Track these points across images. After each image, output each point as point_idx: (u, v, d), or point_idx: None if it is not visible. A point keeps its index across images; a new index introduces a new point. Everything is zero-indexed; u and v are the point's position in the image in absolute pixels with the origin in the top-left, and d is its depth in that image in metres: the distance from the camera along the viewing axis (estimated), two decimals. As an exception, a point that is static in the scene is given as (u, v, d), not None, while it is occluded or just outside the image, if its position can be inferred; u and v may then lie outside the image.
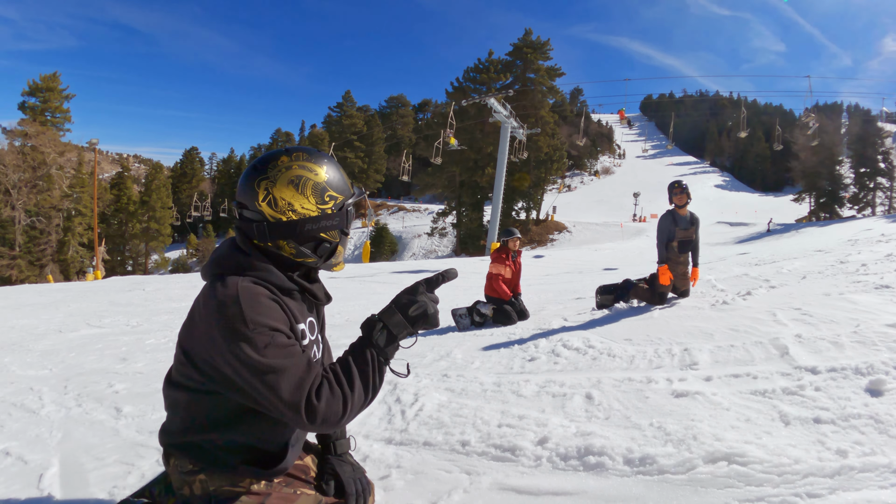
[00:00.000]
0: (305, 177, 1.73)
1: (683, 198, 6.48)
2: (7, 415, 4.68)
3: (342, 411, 1.59)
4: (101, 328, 10.75)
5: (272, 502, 1.78)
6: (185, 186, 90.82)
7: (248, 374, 1.55)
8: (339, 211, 1.81)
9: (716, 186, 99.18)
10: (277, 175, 1.71)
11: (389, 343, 1.68)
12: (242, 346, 1.54)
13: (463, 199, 59.85)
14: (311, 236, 1.77)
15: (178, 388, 1.78)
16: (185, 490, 1.81)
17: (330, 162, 1.82)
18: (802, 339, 4.06)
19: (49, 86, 54.93)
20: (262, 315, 1.59)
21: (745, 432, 2.63)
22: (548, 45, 58.74)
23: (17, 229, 49.37)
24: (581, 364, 4.25)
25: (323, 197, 1.76)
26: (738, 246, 27.62)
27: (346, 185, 1.85)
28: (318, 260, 1.83)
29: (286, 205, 1.72)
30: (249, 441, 1.79)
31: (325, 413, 1.56)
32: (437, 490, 2.45)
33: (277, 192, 1.71)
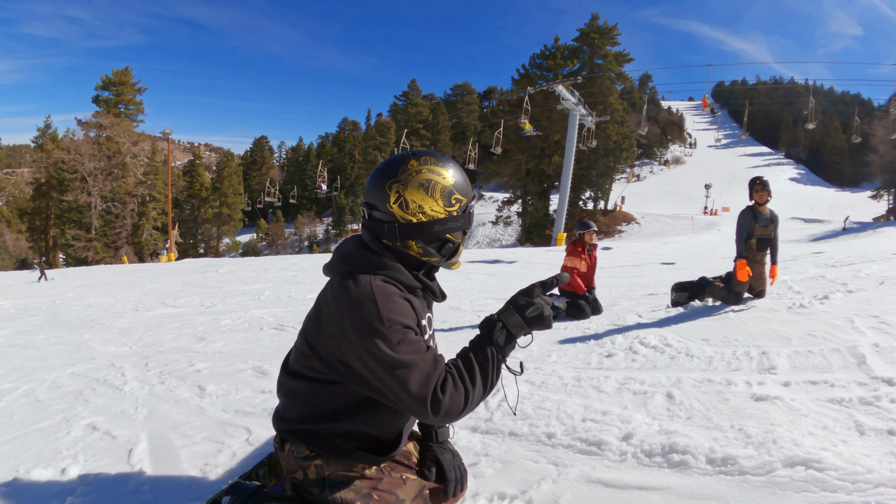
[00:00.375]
0: (434, 180, 1.81)
1: (764, 195, 6.31)
2: (91, 390, 4.88)
3: (463, 405, 1.67)
4: (177, 308, 11.15)
5: (384, 486, 1.86)
6: (255, 174, 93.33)
7: (379, 369, 1.63)
8: (463, 213, 1.89)
9: (790, 179, 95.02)
10: (408, 179, 1.79)
11: (508, 342, 1.75)
12: (377, 343, 1.62)
13: (529, 187, 59.18)
14: (437, 237, 1.85)
15: (298, 377, 1.87)
16: (297, 474, 1.89)
17: (455, 166, 1.89)
18: (880, 348, 3.95)
19: (121, 80, 57.24)
20: (395, 313, 1.67)
21: (822, 439, 2.61)
22: (615, 30, 57.27)
23: (93, 214, 51.87)
24: (659, 363, 4.22)
25: (450, 200, 1.83)
26: (813, 244, 26.56)
27: (468, 187, 1.91)
28: (441, 259, 1.92)
29: (416, 207, 1.79)
30: (366, 430, 1.88)
31: (449, 406, 1.64)
32: (526, 479, 2.49)
33: (408, 195, 1.78)
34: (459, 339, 6.03)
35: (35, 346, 7.54)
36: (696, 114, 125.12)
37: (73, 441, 3.52)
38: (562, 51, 57.58)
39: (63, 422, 3.96)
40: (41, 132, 61.78)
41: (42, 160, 54.78)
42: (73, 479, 2.91)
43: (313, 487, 1.85)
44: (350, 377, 1.74)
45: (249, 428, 3.51)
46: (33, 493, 2.77)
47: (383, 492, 1.85)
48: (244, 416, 3.80)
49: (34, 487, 2.85)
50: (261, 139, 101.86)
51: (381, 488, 1.86)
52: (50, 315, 11.19)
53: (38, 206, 56.67)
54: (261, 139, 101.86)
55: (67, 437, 3.61)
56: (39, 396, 4.76)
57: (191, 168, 71.60)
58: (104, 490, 2.78)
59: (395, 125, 78.48)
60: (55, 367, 5.95)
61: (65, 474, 2.97)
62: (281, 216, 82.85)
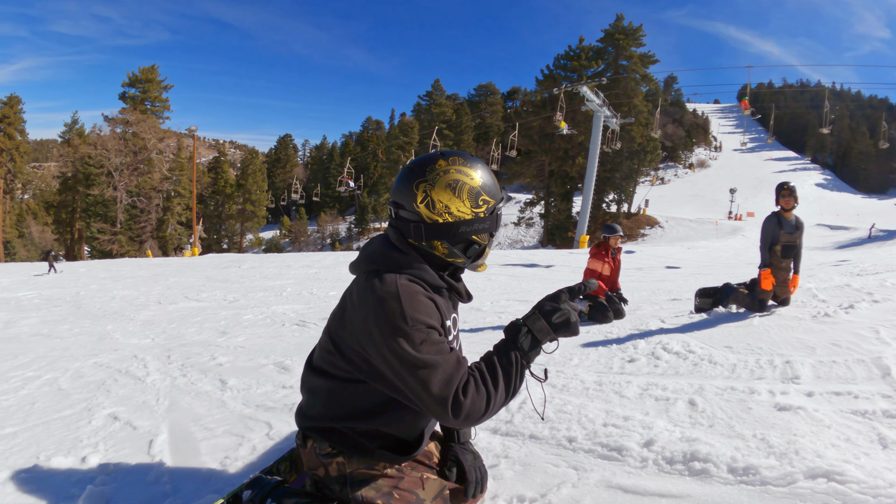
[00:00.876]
0: (462, 181, 1.80)
1: (791, 201, 6.23)
2: (113, 380, 4.93)
3: (485, 408, 1.65)
4: (199, 301, 11.27)
5: (405, 486, 1.86)
6: (280, 171, 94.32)
7: (401, 368, 1.63)
8: (490, 215, 1.87)
9: (816, 185, 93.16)
10: (436, 178, 1.78)
11: (533, 347, 1.73)
12: (400, 342, 1.61)
13: (552, 188, 58.96)
14: (463, 238, 1.84)
15: (322, 374, 1.88)
16: (319, 471, 1.90)
17: (483, 167, 1.87)
18: (905, 361, 3.88)
19: (148, 77, 58.25)
20: (420, 312, 1.66)
21: (844, 451, 2.58)
22: (640, 31, 56.89)
23: (118, 208, 52.76)
24: (682, 369, 4.19)
25: (477, 201, 1.82)
26: (838, 252, 26.24)
27: (497, 189, 1.90)
28: (466, 261, 1.90)
29: (443, 207, 1.79)
30: (388, 430, 1.87)
31: (470, 409, 1.62)
32: (546, 483, 2.48)
33: (435, 195, 1.78)
34: (480, 339, 6.03)
35: (59, 336, 7.65)
36: (722, 116, 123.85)
37: (94, 430, 3.55)
38: (586, 51, 57.28)
39: (85, 411, 3.99)
40: (68, 127, 62.87)
41: (69, 155, 55.77)
42: (94, 468, 2.93)
43: (334, 484, 1.86)
44: (372, 375, 1.74)
45: (270, 423, 3.53)
46: (53, 480, 2.80)
47: (404, 491, 1.85)
48: (265, 411, 3.81)
49: (54, 474, 2.87)
50: (285, 137, 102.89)
51: (402, 487, 1.86)
52: (74, 306, 11.35)
53: (65, 199, 57.65)
54: (285, 137, 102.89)
55: (89, 426, 3.64)
56: (62, 385, 4.81)
57: (216, 165, 72.45)
58: (124, 479, 2.80)
59: (419, 125, 78.62)
60: (78, 357, 6.03)
61: (85, 462, 2.99)
62: (304, 214, 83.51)
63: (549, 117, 51.04)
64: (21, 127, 56.45)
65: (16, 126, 55.58)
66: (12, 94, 56.09)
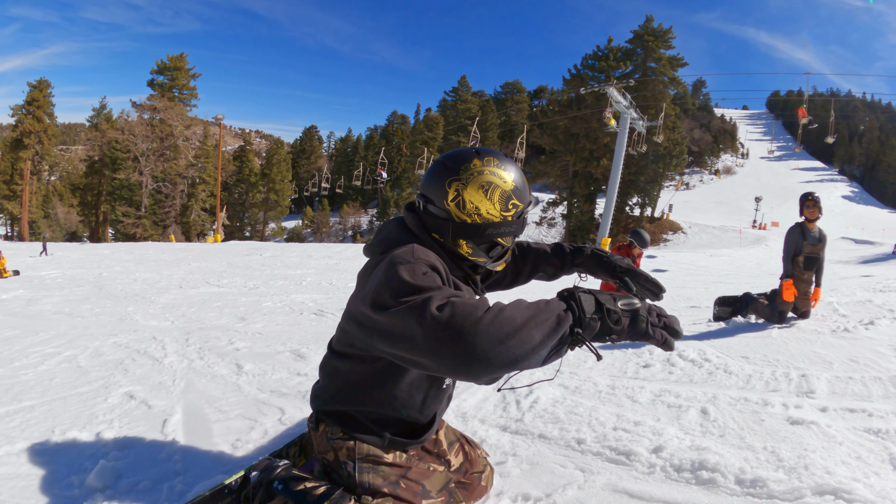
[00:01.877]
0: (495, 183, 1.78)
1: (815, 212, 6.16)
2: (131, 360, 5.01)
3: (481, 318, 1.33)
4: (220, 287, 11.37)
5: (412, 476, 1.88)
6: (304, 162, 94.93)
7: (382, 291, 1.51)
8: (518, 219, 1.85)
9: (843, 197, 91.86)
10: (469, 178, 1.77)
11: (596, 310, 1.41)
12: (399, 269, 1.54)
13: (576, 189, 58.45)
14: (488, 239, 1.82)
15: (340, 356, 1.89)
16: (329, 455, 1.91)
17: (516, 169, 1.86)
18: (922, 381, 3.83)
19: (176, 65, 58.85)
20: (429, 258, 1.66)
21: (854, 469, 2.54)
22: (670, 33, 56.02)
23: (143, 192, 53.44)
24: (696, 377, 4.16)
25: (507, 204, 1.80)
26: (862, 267, 25.83)
27: (526, 192, 1.87)
28: (488, 261, 1.90)
29: (473, 208, 1.77)
30: (401, 415, 1.89)
31: (454, 317, 1.34)
32: (552, 483, 2.48)
33: (467, 195, 1.77)
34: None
35: (80, 315, 7.76)
36: (750, 123, 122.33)
37: (110, 407, 3.62)
38: (615, 52, 56.68)
39: (102, 388, 4.06)
40: (96, 112, 63.59)
41: (96, 139, 56.57)
42: (108, 443, 2.99)
43: (343, 470, 1.87)
44: (375, 329, 1.53)
45: (283, 408, 3.57)
46: (68, 453, 2.86)
47: (411, 481, 1.86)
48: (279, 397, 3.86)
49: (69, 448, 2.94)
50: (311, 128, 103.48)
51: (410, 477, 1.87)
52: (97, 286, 11.51)
53: (91, 182, 58.46)
54: (311, 128, 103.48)
55: (105, 403, 3.71)
56: (81, 363, 4.89)
57: (241, 153, 73.09)
58: (136, 456, 2.85)
59: (444, 121, 78.65)
60: (98, 336, 6.12)
61: (99, 438, 3.05)
62: (327, 205, 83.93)
63: (576, 117, 50.77)
64: (50, 110, 57.37)
65: (45, 109, 56.49)
66: (41, 79, 57.04)
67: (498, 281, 2.33)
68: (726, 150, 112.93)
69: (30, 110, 55.26)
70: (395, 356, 1.52)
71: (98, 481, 2.51)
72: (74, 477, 2.58)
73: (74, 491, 2.47)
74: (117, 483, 2.55)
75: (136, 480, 2.57)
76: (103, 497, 2.42)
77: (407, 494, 1.82)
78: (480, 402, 3.61)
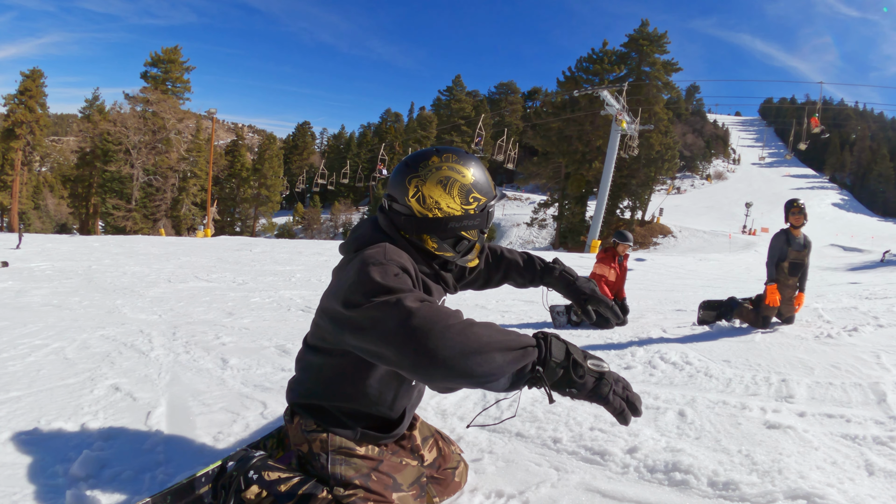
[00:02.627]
0: (453, 178, 1.85)
1: (800, 218, 6.24)
2: (118, 353, 5.04)
3: (450, 326, 1.36)
4: (209, 282, 11.36)
5: (384, 469, 1.91)
6: (296, 158, 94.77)
7: (352, 293, 1.55)
8: (480, 212, 1.92)
9: (833, 205, 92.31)
10: (428, 174, 1.84)
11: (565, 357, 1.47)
12: (370, 269, 1.59)
13: (567, 191, 58.41)
14: (452, 233, 1.89)
15: (314, 350, 1.93)
16: (303, 447, 1.95)
17: (477, 165, 1.92)
18: (902, 388, 3.87)
19: (171, 58, 58.57)
20: (400, 259, 1.72)
21: (829, 475, 2.56)
22: (665, 38, 56.00)
23: (134, 185, 53.23)
24: (677, 379, 4.20)
25: (468, 198, 1.87)
26: (850, 274, 25.91)
27: (489, 187, 1.94)
28: (456, 255, 1.97)
29: (433, 202, 1.84)
30: (372, 411, 1.94)
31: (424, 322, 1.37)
32: (526, 480, 2.51)
33: (427, 190, 1.84)
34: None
35: (68, 308, 7.75)
36: (743, 129, 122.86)
37: (95, 399, 3.66)
38: (609, 55, 56.72)
39: (88, 380, 4.10)
40: (89, 103, 63.18)
41: (88, 130, 56.10)
42: (92, 434, 3.03)
43: (316, 461, 1.90)
44: (346, 324, 1.56)
45: (265, 402, 3.61)
46: (53, 443, 2.89)
47: (382, 474, 1.89)
48: (262, 391, 3.89)
49: (54, 438, 2.97)
50: (303, 124, 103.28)
51: (381, 470, 1.90)
52: (86, 279, 11.47)
53: (82, 174, 58.03)
54: (303, 124, 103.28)
55: (91, 394, 3.75)
56: (68, 355, 4.92)
57: (233, 148, 72.76)
58: (120, 446, 2.89)
59: (438, 120, 78.60)
60: (86, 329, 6.14)
61: (84, 429, 3.09)
62: (318, 201, 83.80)
63: (569, 119, 50.84)
64: (42, 101, 56.89)
65: (37, 99, 56.04)
66: (35, 68, 56.58)
67: (470, 282, 2.44)
68: (718, 155, 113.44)
69: (22, 100, 54.78)
70: (360, 349, 1.56)
71: (82, 470, 2.55)
72: (59, 466, 2.61)
73: (59, 480, 2.51)
74: (101, 472, 2.58)
75: (119, 470, 2.60)
76: (87, 486, 2.45)
77: (378, 487, 1.85)
78: (461, 399, 3.65)
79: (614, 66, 55.90)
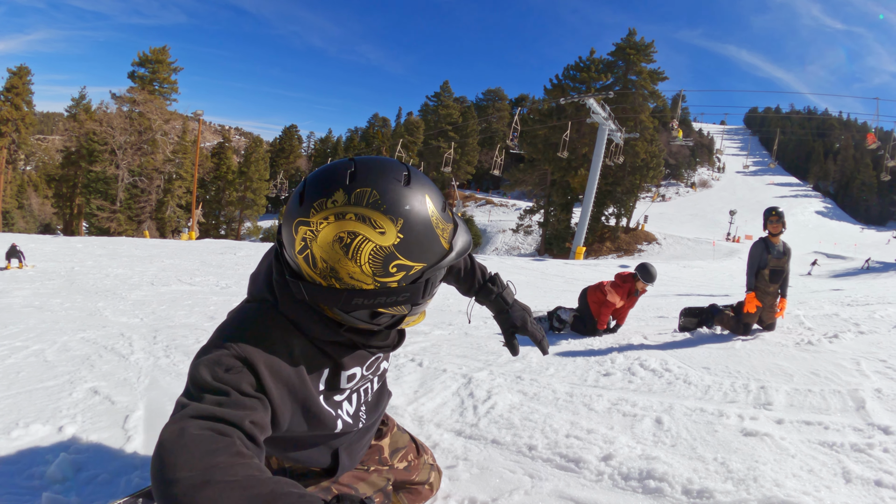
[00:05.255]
0: (362, 236, 1.18)
1: (779, 227, 6.30)
2: (98, 356, 5.01)
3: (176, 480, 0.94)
4: (192, 286, 11.29)
5: (345, 480, 1.79)
6: (283, 161, 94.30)
7: (195, 389, 1.19)
8: (412, 283, 1.28)
9: (816, 213, 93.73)
10: (319, 227, 1.19)
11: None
12: (210, 350, 1.27)
13: (553, 198, 59.00)
14: (361, 308, 1.27)
15: None
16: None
17: (414, 207, 1.22)
18: (882, 394, 3.87)
19: (158, 58, 58.28)
20: (257, 346, 1.28)
21: (805, 482, 2.55)
22: (651, 48, 56.76)
23: (119, 186, 52.81)
24: (655, 386, 4.21)
25: (386, 268, 1.22)
26: (833, 281, 26.25)
27: (437, 241, 1.28)
28: (372, 326, 1.41)
29: (327, 269, 1.23)
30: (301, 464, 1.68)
31: (163, 453, 1.00)
32: (500, 488, 2.50)
33: (318, 251, 1.21)
34: (463, 342, 6.04)
35: (50, 309, 7.70)
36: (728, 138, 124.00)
37: (74, 402, 3.64)
38: (596, 64, 57.20)
39: (67, 383, 4.07)
40: (75, 102, 62.69)
41: (74, 129, 55.69)
42: (69, 437, 3.02)
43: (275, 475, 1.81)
44: None
45: (243, 406, 3.59)
46: (30, 446, 2.90)
47: (342, 485, 1.76)
48: (240, 396, 3.87)
49: (31, 440, 2.97)
50: (290, 128, 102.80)
51: (342, 482, 1.76)
52: (68, 281, 11.39)
53: (67, 173, 57.57)
54: (290, 128, 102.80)
55: (70, 397, 3.73)
56: (48, 357, 4.89)
57: (219, 150, 72.41)
58: (97, 450, 2.88)
59: (425, 125, 78.76)
60: (66, 331, 6.10)
61: (62, 432, 3.08)
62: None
63: (555, 126, 51.08)
64: (28, 98, 56.35)
65: (23, 97, 55.49)
66: (21, 65, 55.96)
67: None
68: (703, 163, 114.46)
69: (8, 97, 54.24)
70: None
71: (58, 473, 2.54)
72: (36, 468, 2.61)
73: (35, 482, 2.50)
74: (77, 475, 2.58)
75: (95, 473, 2.59)
76: (62, 488, 2.45)
77: None
78: (438, 406, 3.65)
79: (601, 74, 56.42)
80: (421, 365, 4.88)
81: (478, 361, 4.96)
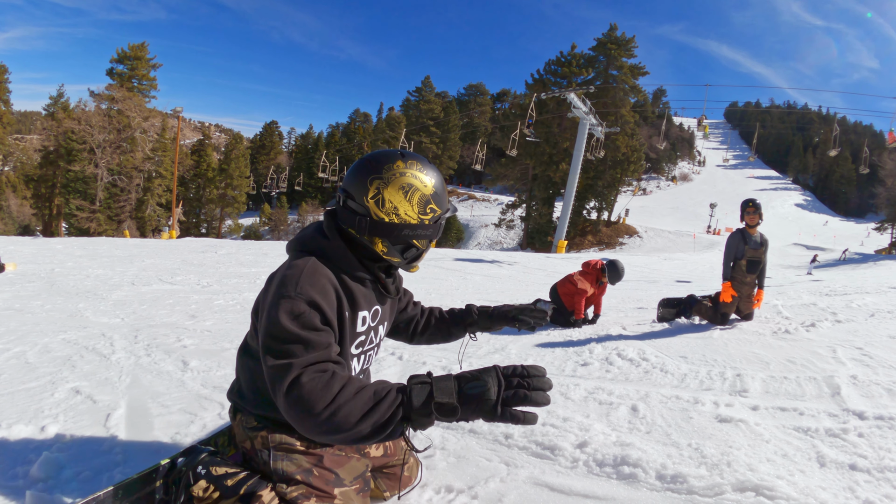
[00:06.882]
0: (415, 186, 1.85)
1: (755, 218, 6.39)
2: (79, 356, 4.98)
3: (319, 413, 1.50)
4: (173, 285, 11.19)
5: (326, 463, 1.92)
6: (263, 158, 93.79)
7: (266, 329, 1.65)
8: (434, 223, 1.93)
9: (796, 205, 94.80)
10: (391, 178, 1.82)
11: (424, 406, 1.48)
12: (280, 310, 1.63)
13: (535, 192, 59.18)
14: (404, 240, 1.89)
15: (248, 353, 1.97)
16: (246, 443, 1.98)
17: (438, 176, 1.93)
18: (857, 381, 3.95)
19: (137, 55, 57.71)
20: (313, 288, 1.70)
21: (779, 467, 2.60)
22: (632, 43, 57.24)
23: (98, 186, 52.17)
24: (632, 375, 4.28)
25: (425, 208, 1.88)
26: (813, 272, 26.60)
27: (445, 200, 1.97)
28: (402, 261, 1.97)
29: (392, 208, 1.83)
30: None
31: (302, 402, 1.52)
32: (476, 476, 2.55)
33: (387, 195, 1.82)
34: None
35: (30, 312, 7.62)
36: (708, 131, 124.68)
37: (56, 402, 3.64)
38: (577, 59, 57.44)
39: (49, 384, 4.06)
40: (53, 100, 61.82)
41: (52, 128, 54.83)
42: (51, 437, 3.03)
43: (259, 457, 1.93)
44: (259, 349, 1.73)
45: (223, 403, 3.63)
46: (13, 447, 2.90)
47: (324, 469, 1.91)
48: (221, 392, 3.91)
49: (15, 441, 2.98)
50: (271, 124, 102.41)
51: (324, 465, 1.91)
52: (48, 282, 11.26)
53: (45, 173, 56.77)
54: (271, 124, 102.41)
55: (51, 398, 3.73)
56: (29, 359, 4.86)
57: (199, 147, 71.74)
58: (78, 448, 2.90)
59: (406, 120, 78.61)
60: (47, 333, 6.05)
61: (44, 432, 3.09)
62: (285, 202, 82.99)
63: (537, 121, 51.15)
64: (6, 97, 55.62)
65: (0, 96, 54.76)
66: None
67: (398, 331, 2.53)
68: (683, 157, 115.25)
69: (-16, 97, 53.58)
70: None
71: (41, 472, 2.56)
72: (19, 468, 2.63)
73: (18, 481, 2.52)
74: (60, 473, 2.60)
75: (77, 471, 2.62)
76: (45, 486, 2.48)
77: (319, 483, 1.86)
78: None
79: (582, 69, 56.71)
80: (401, 358, 4.94)
81: (457, 354, 5.01)
